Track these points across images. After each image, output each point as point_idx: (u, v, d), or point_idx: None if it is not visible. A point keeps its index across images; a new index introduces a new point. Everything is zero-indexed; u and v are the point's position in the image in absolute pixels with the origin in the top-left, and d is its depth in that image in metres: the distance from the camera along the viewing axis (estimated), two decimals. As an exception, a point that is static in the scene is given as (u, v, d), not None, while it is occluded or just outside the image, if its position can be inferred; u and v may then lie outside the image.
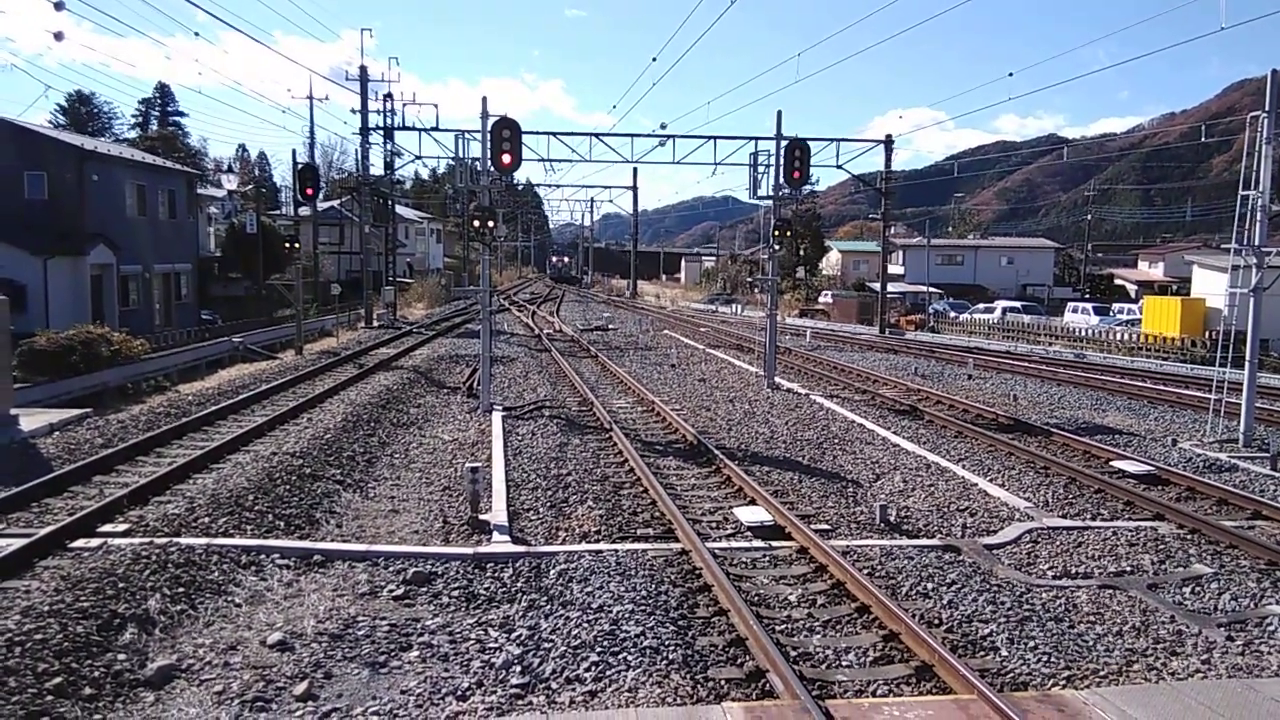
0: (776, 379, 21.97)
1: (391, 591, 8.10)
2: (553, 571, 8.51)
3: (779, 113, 22.50)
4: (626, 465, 13.15)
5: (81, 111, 77.37)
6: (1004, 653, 6.93)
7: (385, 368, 23.83)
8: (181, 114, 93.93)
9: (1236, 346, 15.63)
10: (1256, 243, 15.18)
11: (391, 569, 8.65)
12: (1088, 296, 65.82)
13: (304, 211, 36.20)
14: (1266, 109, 14.89)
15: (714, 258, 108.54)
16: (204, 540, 8.98)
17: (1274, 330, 30.04)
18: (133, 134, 79.18)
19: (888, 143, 41.24)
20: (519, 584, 8.28)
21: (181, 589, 7.80)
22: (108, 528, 9.42)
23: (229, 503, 10.40)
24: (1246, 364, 15.49)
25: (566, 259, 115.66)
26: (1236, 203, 15.18)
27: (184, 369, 24.26)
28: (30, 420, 15.00)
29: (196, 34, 66.90)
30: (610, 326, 41.14)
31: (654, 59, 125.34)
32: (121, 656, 6.58)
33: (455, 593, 8.10)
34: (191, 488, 11.25)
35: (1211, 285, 38.11)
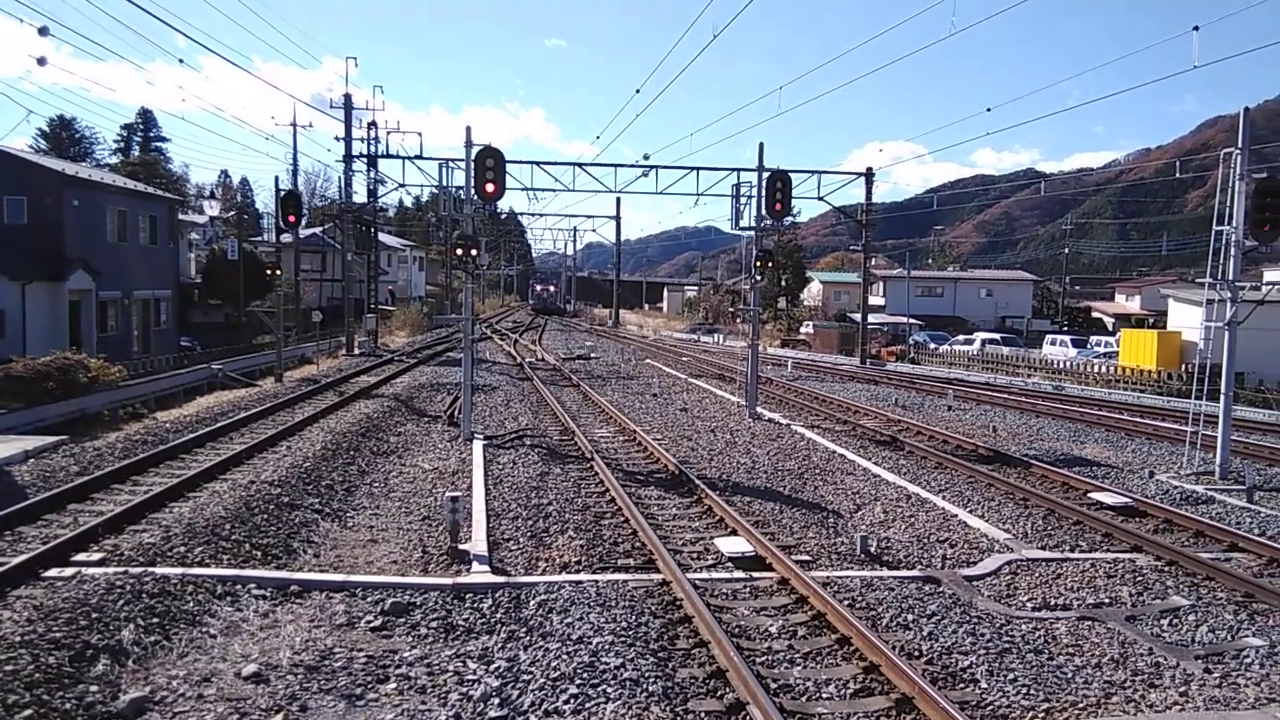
0: (758, 409, 22.02)
1: (369, 622, 8.03)
2: (533, 602, 8.46)
3: (761, 145, 22.72)
4: (608, 495, 13.12)
5: (63, 136, 77.10)
6: (984, 685, 6.93)
7: (366, 395, 23.73)
8: (164, 139, 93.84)
9: (1212, 379, 15.79)
10: (1231, 277, 15.38)
11: (369, 599, 8.58)
12: (1066, 329, 66.41)
13: (286, 238, 36.11)
14: (1240, 146, 15.17)
15: (696, 287, 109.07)
16: (179, 570, 8.88)
17: (1249, 363, 30.39)
18: (114, 159, 78.94)
19: (868, 175, 41.66)
20: (498, 615, 8.22)
21: (156, 619, 7.70)
22: (82, 556, 9.30)
23: (205, 532, 10.29)
24: (1222, 397, 15.66)
25: (552, 288, 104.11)
26: (1211, 238, 15.40)
27: (162, 396, 24.05)
28: (5, 447, 14.83)
29: (180, 60, 67.10)
30: (592, 355, 41.15)
31: (637, 91, 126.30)
32: (94, 688, 6.48)
33: (434, 624, 8.03)
34: (168, 516, 11.13)
35: (1187, 319, 38.57)
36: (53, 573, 8.60)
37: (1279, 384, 34.29)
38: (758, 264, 22.02)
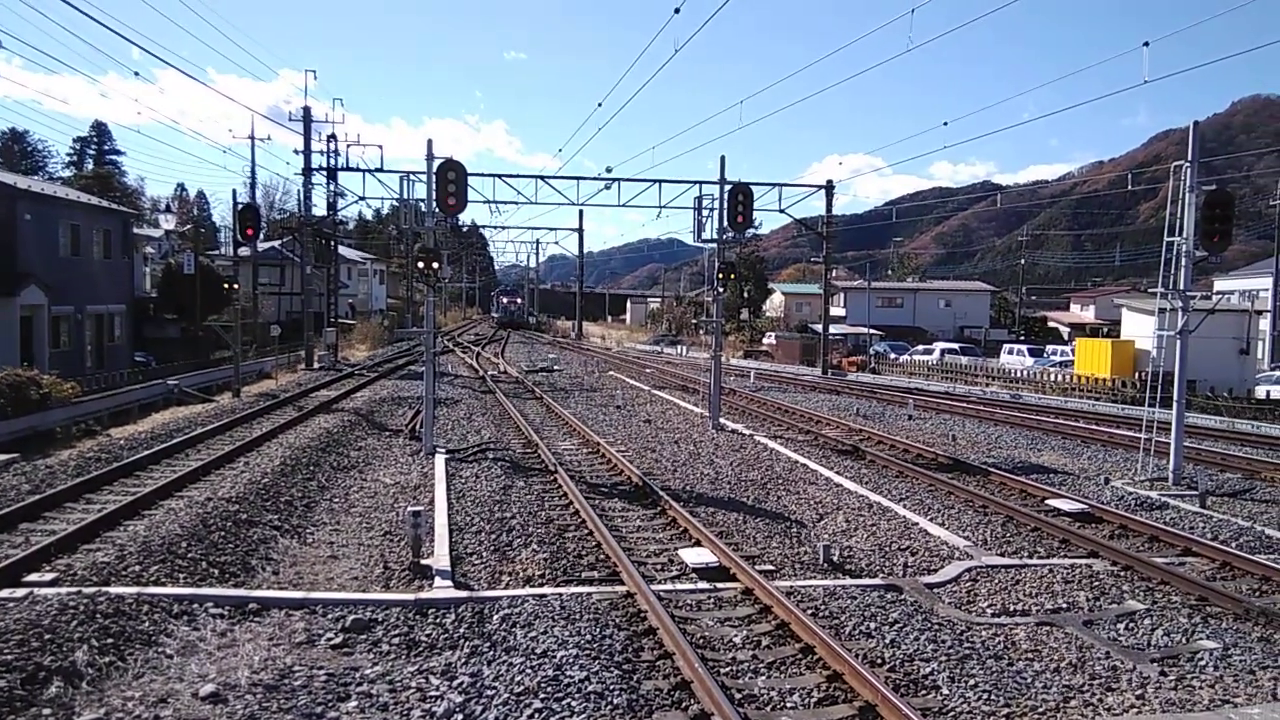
0: (721, 420, 22.09)
1: (329, 640, 7.92)
2: (496, 616, 8.41)
3: (722, 158, 22.85)
4: (571, 508, 13.08)
5: (14, 150, 75.73)
6: (945, 691, 7.00)
7: (325, 410, 23.47)
8: (119, 153, 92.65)
9: (1165, 387, 16.09)
10: (1182, 287, 15.69)
11: (330, 617, 8.47)
12: (1023, 338, 67.48)
13: (244, 252, 35.67)
14: (1189, 159, 15.52)
15: (659, 299, 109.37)
16: (134, 589, 8.71)
17: (1201, 371, 31.07)
18: (68, 173, 77.64)
19: (828, 188, 42.11)
20: (461, 630, 8.16)
21: (110, 640, 7.54)
22: (34, 577, 9.09)
23: (161, 550, 10.11)
24: (1174, 404, 15.96)
25: (519, 300, 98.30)
26: (1163, 248, 15.71)
27: (116, 412, 23.64)
28: (-48, 466, 14.47)
29: (136, 73, 66.24)
30: (556, 368, 41.05)
31: (599, 104, 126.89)
32: (46, 711, 6.33)
33: (395, 640, 7.95)
34: (122, 535, 10.92)
35: (1140, 327, 39.37)
36: (3, 594, 8.39)
37: (1230, 391, 35.11)
38: (720, 276, 22.14)
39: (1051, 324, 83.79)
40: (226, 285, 34.16)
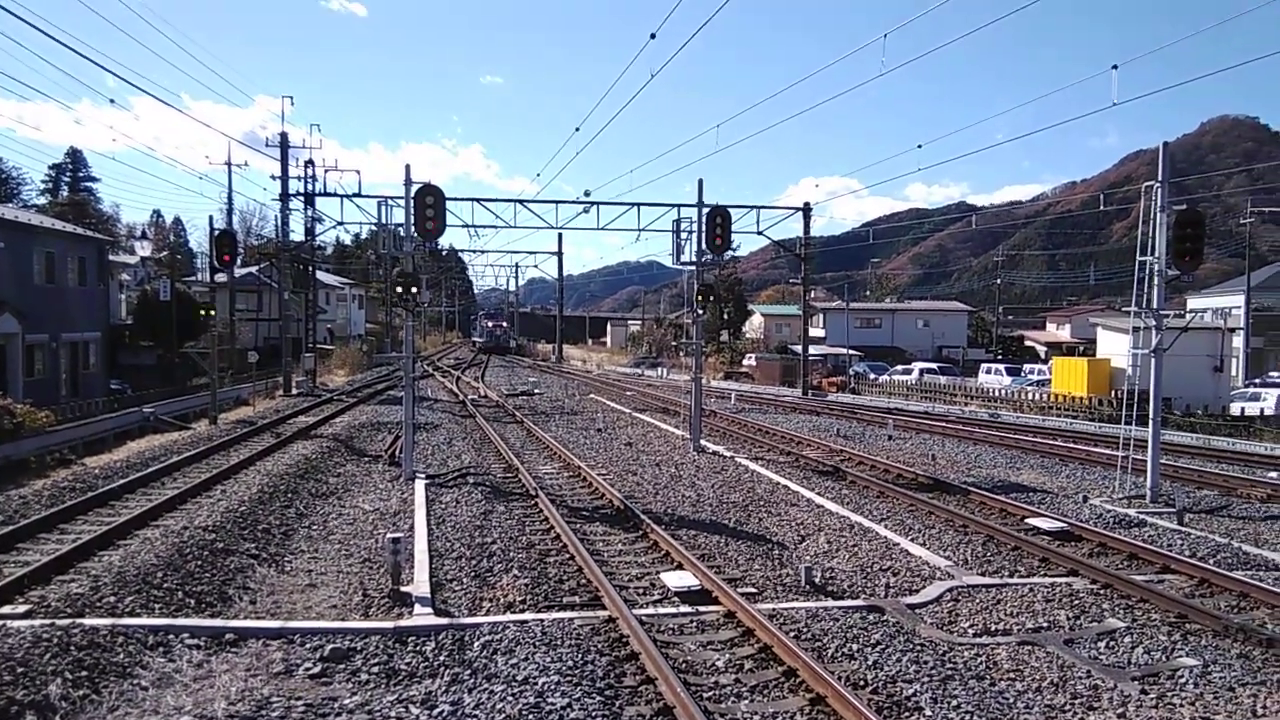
0: (702, 442, 22.08)
1: (308, 669, 7.83)
2: (476, 644, 8.34)
3: (700, 181, 23.01)
4: (552, 532, 13.02)
5: (-13, 177, 75.16)
6: (928, 712, 6.98)
7: (304, 436, 23.29)
8: (94, 179, 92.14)
9: (1141, 405, 16.23)
10: (1155, 305, 15.87)
11: (308, 646, 8.36)
12: (1000, 358, 67.97)
13: (221, 278, 35.50)
14: (1160, 179, 15.73)
15: (639, 322, 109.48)
16: (109, 621, 8.58)
17: (1175, 389, 31.40)
18: (42, 200, 77.14)
19: (806, 210, 42.35)
20: (442, 657, 8.08)
21: (85, 673, 7.42)
22: (7, 609, 8.94)
23: (136, 581, 9.97)
24: (1150, 422, 16.09)
25: (504, 324, 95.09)
26: (1135, 268, 15.88)
27: (91, 441, 23.35)
28: (-78, 497, 14.24)
29: (111, 100, 66.06)
30: (536, 391, 40.96)
31: (577, 129, 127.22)
32: (16, 748, 6.21)
33: (375, 669, 7.86)
34: (97, 565, 10.77)
35: (1115, 346, 39.73)
36: (-26, 628, 8.25)
37: (1205, 408, 35.48)
38: (699, 298, 22.20)
39: (1028, 343, 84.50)
40: (203, 311, 33.79)
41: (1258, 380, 47.71)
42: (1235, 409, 37.85)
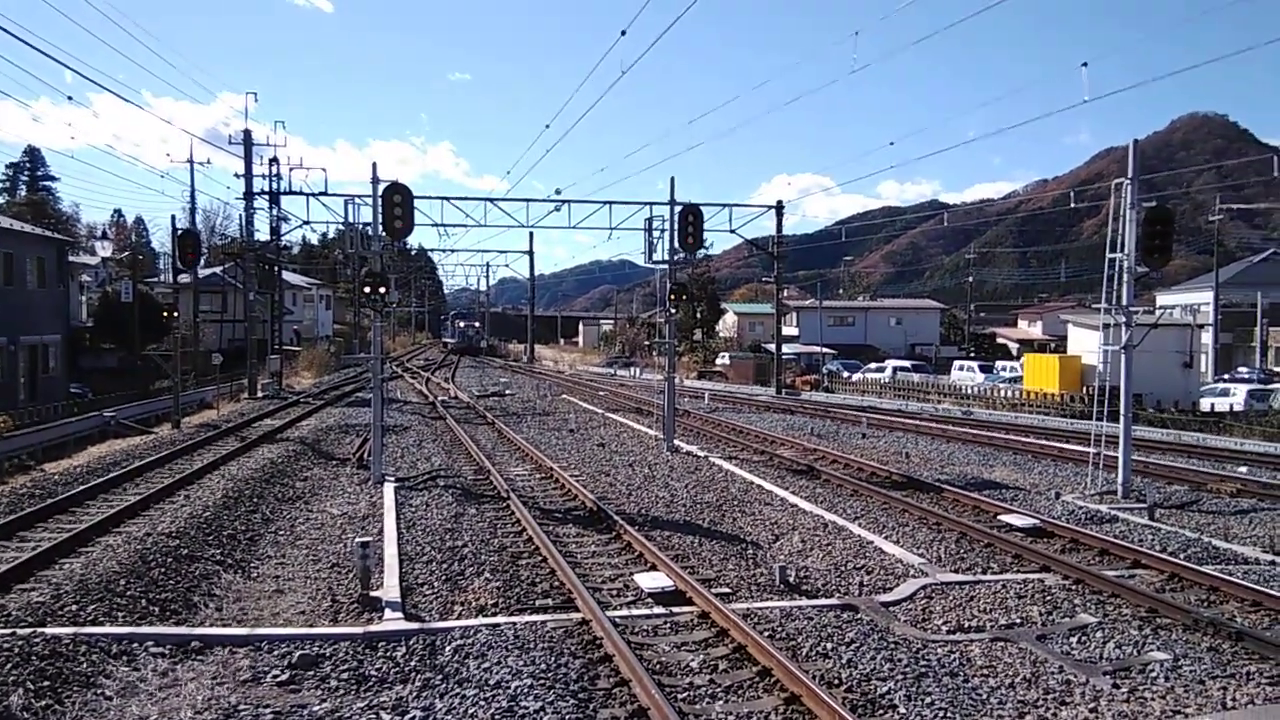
0: (676, 442, 22.02)
1: (276, 677, 7.67)
2: (448, 648, 8.21)
3: (672, 179, 22.91)
4: (525, 534, 12.89)
5: (-56, 177, 73.72)
6: (902, 710, 6.95)
7: (270, 440, 22.99)
8: (53, 178, 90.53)
9: (1112, 401, 16.34)
10: (1125, 302, 15.96)
11: (276, 653, 8.20)
12: (973, 355, 68.53)
13: (184, 279, 34.96)
14: (1130, 176, 15.83)
15: (612, 321, 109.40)
16: (71, 630, 8.38)
17: (1146, 385, 31.69)
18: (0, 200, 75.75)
19: (778, 208, 42.47)
20: (413, 663, 7.95)
21: (47, 682, 7.24)
22: (-39, 620, 8.71)
23: (99, 589, 9.76)
24: (1121, 418, 16.20)
25: (476, 324, 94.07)
26: (1105, 264, 15.99)
27: (50, 446, 22.93)
28: (-124, 505, 13.89)
29: (69, 97, 64.98)
30: (507, 392, 40.75)
31: (547, 126, 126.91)
32: (-31, 764, 6.02)
33: (344, 675, 7.71)
34: (58, 573, 10.53)
35: (1086, 343, 40.15)
36: (-73, 639, 8.02)
37: (1176, 404, 35.90)
38: (672, 297, 22.13)
39: (1000, 340, 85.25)
40: (166, 313, 33.31)
41: (1227, 376, 48.35)
42: (1205, 404, 38.30)
